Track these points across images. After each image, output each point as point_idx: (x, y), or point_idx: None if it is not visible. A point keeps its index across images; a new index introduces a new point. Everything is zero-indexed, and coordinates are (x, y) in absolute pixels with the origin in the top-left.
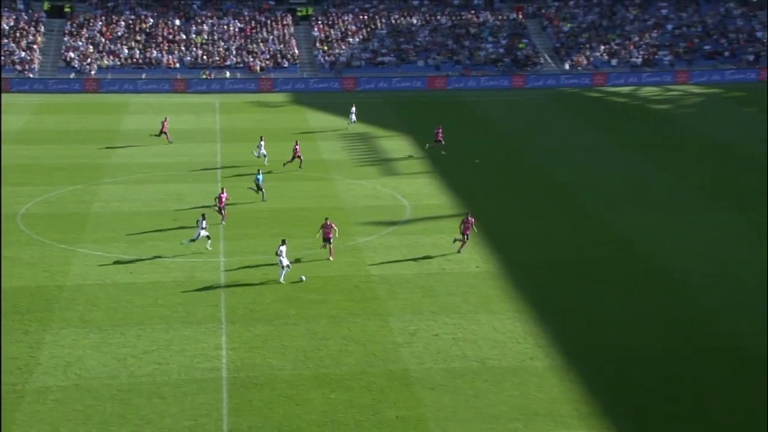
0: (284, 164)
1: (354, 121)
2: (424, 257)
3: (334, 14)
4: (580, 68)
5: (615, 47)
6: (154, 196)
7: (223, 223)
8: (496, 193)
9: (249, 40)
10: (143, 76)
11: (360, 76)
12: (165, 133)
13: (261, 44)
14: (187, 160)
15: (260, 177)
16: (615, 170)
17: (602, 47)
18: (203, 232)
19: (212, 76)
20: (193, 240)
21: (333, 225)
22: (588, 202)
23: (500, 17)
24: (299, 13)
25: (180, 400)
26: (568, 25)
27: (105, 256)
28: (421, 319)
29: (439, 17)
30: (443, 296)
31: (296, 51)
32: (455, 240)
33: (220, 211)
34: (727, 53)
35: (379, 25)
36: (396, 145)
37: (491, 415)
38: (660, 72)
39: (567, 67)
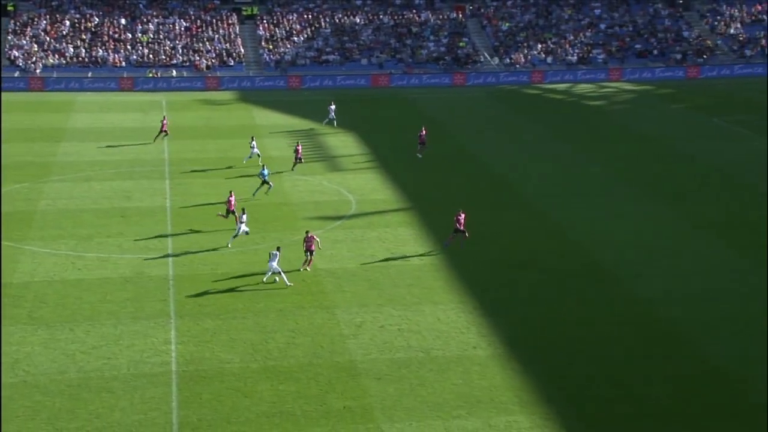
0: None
1: (332, 118)
2: (370, 251)
3: (278, 13)
4: (518, 66)
5: (551, 46)
6: (102, 194)
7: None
8: (438, 187)
9: (195, 39)
10: (89, 74)
11: (305, 74)
12: (165, 131)
13: (207, 43)
14: (134, 158)
15: (265, 172)
16: (553, 164)
17: (539, 46)
18: (243, 227)
19: (159, 74)
20: (235, 236)
21: (315, 237)
22: (527, 194)
23: (441, 17)
24: (244, 13)
25: (129, 394)
26: (507, 24)
27: (53, 254)
28: (367, 311)
29: (381, 17)
30: (388, 288)
31: (242, 50)
32: (455, 232)
33: (227, 215)
34: (656, 52)
35: (323, 24)
36: (341, 141)
37: (435, 404)
38: (594, 69)
39: (496, 61)
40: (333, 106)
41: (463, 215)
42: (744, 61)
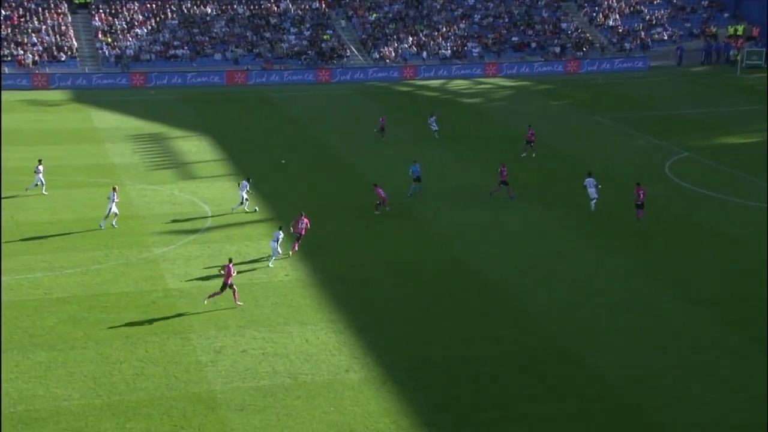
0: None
1: (436, 129)
2: None
3: (117, 2)
4: (388, 61)
5: (423, 39)
6: None
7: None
8: (303, 195)
9: (17, 31)
10: None
11: (150, 71)
12: None
13: (32, 35)
14: None
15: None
16: (427, 167)
17: (410, 39)
18: (276, 245)
19: None
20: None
21: (306, 219)
22: (402, 201)
23: (302, 7)
24: (76, 1)
25: None
26: (374, 15)
27: None
28: (227, 334)
29: (235, 6)
30: (251, 308)
31: (74, 43)
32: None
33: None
34: (534, 45)
35: (169, 14)
36: (194, 146)
37: None
38: (469, 64)
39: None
40: (434, 117)
41: (505, 168)
42: (624, 55)
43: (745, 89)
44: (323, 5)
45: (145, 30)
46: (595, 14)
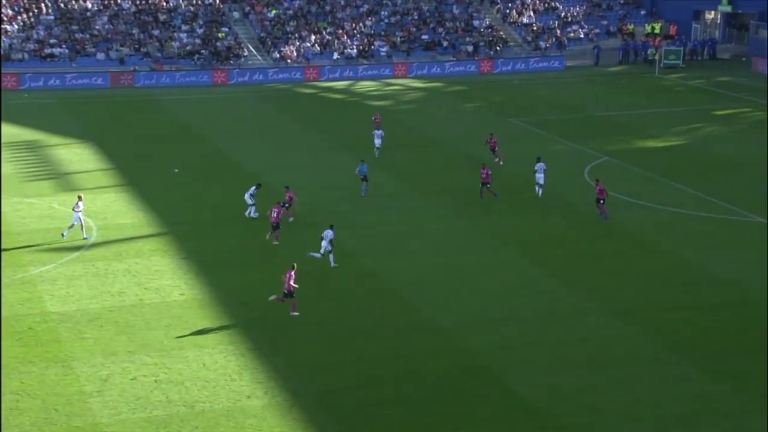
0: None
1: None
2: (117, 287)
3: None
4: (289, 61)
5: (327, 37)
6: None
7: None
8: (200, 207)
9: None
10: None
11: (24, 72)
12: None
13: None
14: None
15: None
16: (335, 175)
17: (313, 37)
18: (327, 245)
19: None
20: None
21: (293, 194)
22: (307, 211)
23: (194, 2)
24: None
25: None
26: (274, 11)
27: None
28: (116, 361)
29: (120, 1)
30: (142, 332)
31: None
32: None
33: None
34: (445, 43)
35: (44, 8)
36: (75, 154)
37: None
38: (377, 65)
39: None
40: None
41: (486, 169)
42: (540, 54)
43: (663, 90)
44: (217, 1)
45: (16, 26)
46: (508, 11)
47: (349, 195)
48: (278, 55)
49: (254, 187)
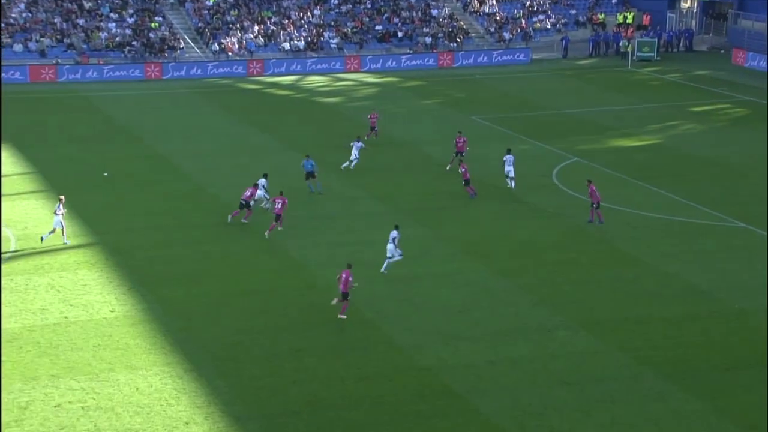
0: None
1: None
2: (39, 304)
3: None
4: (231, 54)
5: (272, 28)
6: None
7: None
8: (132, 215)
9: None
10: None
11: None
12: None
13: None
14: None
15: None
16: (280, 180)
17: (256, 28)
18: (393, 247)
19: None
20: (393, 259)
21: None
22: (255, 220)
23: None
24: None
25: None
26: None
27: None
28: (37, 386)
29: None
30: (67, 353)
31: None
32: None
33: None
34: (401, 35)
35: None
36: None
37: None
38: (327, 58)
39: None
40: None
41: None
42: (503, 46)
43: (636, 85)
44: None
45: None
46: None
47: (297, 201)
48: (218, 48)
49: (263, 179)
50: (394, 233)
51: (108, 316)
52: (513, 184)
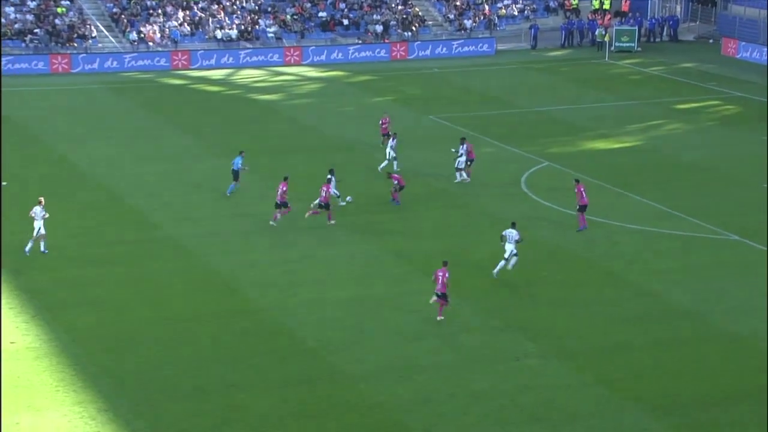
0: None
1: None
2: None
3: None
4: (152, 44)
5: (199, 14)
6: None
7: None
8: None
9: None
10: None
11: None
12: None
13: None
14: None
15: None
16: (210, 189)
17: (181, 14)
18: (512, 248)
19: None
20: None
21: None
22: (177, 233)
23: None
24: None
25: None
26: None
27: None
28: None
29: None
30: None
31: None
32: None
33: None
34: (347, 22)
35: None
36: None
37: None
38: (263, 49)
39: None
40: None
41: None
42: (464, 36)
43: (614, 79)
44: None
45: None
46: None
47: (228, 213)
48: (136, 37)
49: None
50: (513, 232)
51: (8, 349)
52: (460, 177)
